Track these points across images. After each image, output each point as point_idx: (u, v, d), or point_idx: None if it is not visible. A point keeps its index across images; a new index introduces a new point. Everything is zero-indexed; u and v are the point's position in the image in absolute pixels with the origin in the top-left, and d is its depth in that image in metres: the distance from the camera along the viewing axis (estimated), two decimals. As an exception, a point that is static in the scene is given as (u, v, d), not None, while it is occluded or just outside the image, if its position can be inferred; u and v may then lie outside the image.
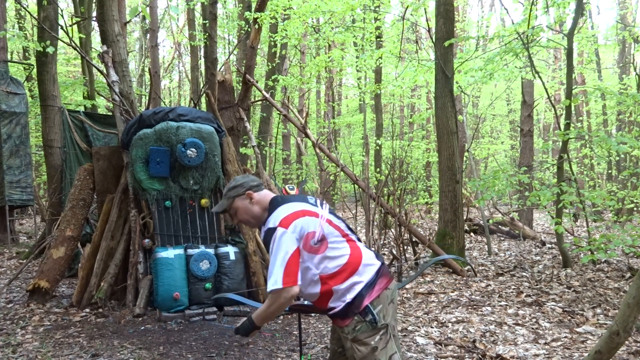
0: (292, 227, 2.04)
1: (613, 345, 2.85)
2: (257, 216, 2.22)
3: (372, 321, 2.07)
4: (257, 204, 2.21)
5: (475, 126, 19.32)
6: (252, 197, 2.21)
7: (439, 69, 7.47)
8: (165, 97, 23.81)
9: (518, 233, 10.45)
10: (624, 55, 17.30)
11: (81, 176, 5.60)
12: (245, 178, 2.26)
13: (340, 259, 2.09)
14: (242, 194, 2.21)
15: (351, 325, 2.09)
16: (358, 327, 2.08)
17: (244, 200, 2.22)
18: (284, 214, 2.08)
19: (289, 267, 1.99)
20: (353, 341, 2.09)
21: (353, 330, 2.09)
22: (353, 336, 2.09)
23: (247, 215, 2.22)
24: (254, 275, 5.36)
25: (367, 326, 2.07)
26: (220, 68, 7.00)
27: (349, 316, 2.08)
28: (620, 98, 7.79)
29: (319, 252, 2.08)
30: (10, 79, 9.57)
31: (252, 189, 2.22)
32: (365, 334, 2.08)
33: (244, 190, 2.21)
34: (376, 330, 2.08)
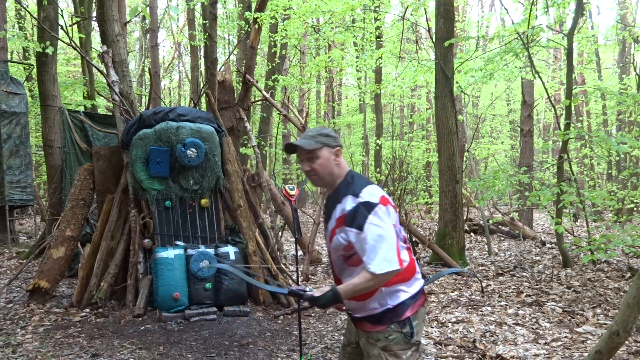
0: (390, 208, 1.95)
1: (613, 345, 2.85)
2: (333, 175, 2.05)
3: (408, 334, 1.98)
4: (338, 165, 2.05)
5: (475, 126, 19.33)
6: (338, 156, 2.06)
7: (439, 69, 7.48)
8: (165, 97, 23.81)
9: (518, 233, 10.45)
10: (624, 55, 17.30)
11: (81, 176, 5.60)
12: (332, 132, 2.09)
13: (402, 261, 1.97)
14: (332, 146, 2.04)
15: (385, 332, 1.98)
16: (392, 336, 1.98)
17: (331, 153, 2.04)
18: (380, 192, 1.96)
19: (398, 247, 1.89)
20: (384, 350, 1.98)
21: (386, 338, 1.98)
22: (385, 345, 1.98)
23: (325, 169, 2.04)
24: (254, 276, 5.35)
25: (402, 338, 1.97)
26: (220, 68, 7.00)
27: (383, 322, 1.98)
28: (620, 98, 7.79)
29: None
30: (10, 79, 9.57)
31: (341, 148, 2.08)
32: (399, 346, 1.98)
33: (336, 144, 2.06)
34: (409, 345, 1.99)
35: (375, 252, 1.85)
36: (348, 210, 1.93)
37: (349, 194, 1.96)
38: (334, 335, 4.46)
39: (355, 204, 1.92)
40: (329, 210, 2.08)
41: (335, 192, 2.06)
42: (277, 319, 4.98)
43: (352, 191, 1.96)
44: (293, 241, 9.88)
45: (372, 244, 1.85)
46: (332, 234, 2.04)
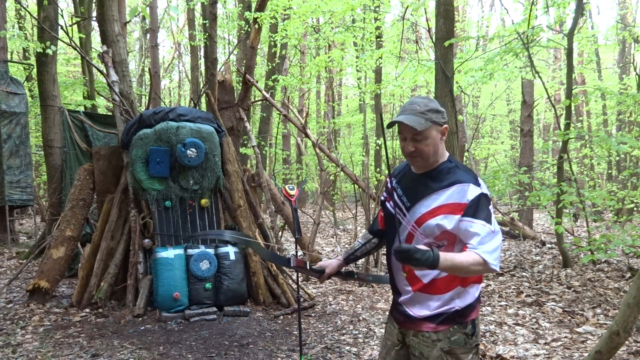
0: None
1: (613, 345, 2.85)
2: (437, 155, 1.88)
3: (469, 334, 1.87)
4: (442, 144, 1.89)
5: (475, 126, 19.33)
6: (444, 134, 1.88)
7: (439, 69, 7.47)
8: (165, 97, 23.81)
9: (518, 233, 10.45)
10: (624, 55, 17.30)
11: (81, 176, 5.60)
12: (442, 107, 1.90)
13: None
14: (441, 123, 1.86)
15: (446, 332, 1.87)
16: (455, 337, 1.87)
17: (439, 132, 1.86)
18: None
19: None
20: (447, 353, 1.86)
21: (448, 339, 1.87)
22: (448, 347, 1.86)
23: (432, 149, 1.86)
24: (254, 275, 5.35)
25: (464, 339, 1.87)
26: (220, 68, 7.00)
27: (447, 323, 1.87)
28: (620, 98, 7.79)
29: None
30: (10, 79, 9.56)
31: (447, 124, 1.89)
32: (462, 349, 1.87)
33: (444, 121, 1.87)
34: (471, 348, 1.89)
35: (494, 246, 1.74)
36: (471, 199, 1.78)
37: (468, 182, 1.80)
38: (334, 335, 4.46)
39: (478, 194, 1.78)
40: (417, 191, 1.89)
41: (437, 173, 1.88)
42: (277, 319, 4.98)
43: (472, 179, 1.82)
44: (293, 241, 9.88)
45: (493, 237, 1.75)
46: (427, 217, 1.84)
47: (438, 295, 1.87)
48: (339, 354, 3.98)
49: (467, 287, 1.88)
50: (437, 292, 1.87)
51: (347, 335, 4.43)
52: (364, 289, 6.20)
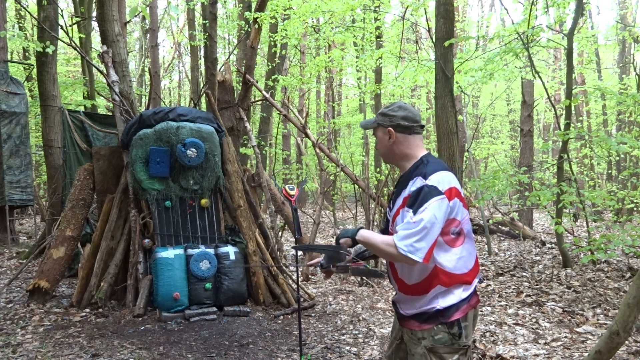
0: (453, 203, 1.86)
1: (613, 345, 2.85)
2: (393, 155, 2.05)
3: (456, 335, 1.89)
4: (397, 145, 2.01)
5: (475, 126, 19.32)
6: (391, 136, 2.01)
7: (439, 69, 7.47)
8: (165, 97, 23.81)
9: (518, 233, 10.45)
10: (624, 55, 17.30)
11: (81, 176, 5.60)
12: (401, 110, 2.00)
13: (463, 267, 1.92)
14: (385, 125, 2.02)
15: (431, 331, 1.91)
16: (439, 336, 1.90)
17: (384, 133, 2.03)
18: (452, 183, 1.87)
19: (434, 244, 1.82)
20: (429, 350, 1.90)
21: (432, 337, 1.90)
22: (431, 345, 1.90)
23: (382, 149, 2.07)
24: (254, 275, 5.36)
25: (449, 339, 1.89)
26: (220, 68, 7.00)
27: (431, 322, 1.91)
28: (620, 98, 7.78)
29: (449, 244, 1.89)
30: (10, 79, 9.56)
31: (398, 128, 2.00)
32: (445, 349, 1.89)
33: (389, 123, 2.01)
34: (456, 349, 1.90)
35: (412, 233, 1.79)
36: (412, 190, 1.87)
37: (419, 175, 1.89)
38: (334, 335, 4.46)
39: (420, 185, 1.85)
40: (397, 192, 2.02)
41: (406, 173, 2.00)
42: (277, 319, 4.98)
43: (422, 173, 1.89)
44: (293, 241, 9.88)
45: (415, 225, 1.79)
46: (395, 215, 1.97)
47: (420, 296, 1.93)
48: (339, 354, 3.98)
49: (450, 287, 1.90)
50: (418, 293, 1.94)
51: (347, 335, 4.43)
52: (364, 289, 6.20)
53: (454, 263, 1.90)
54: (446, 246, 1.88)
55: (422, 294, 1.93)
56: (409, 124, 2.00)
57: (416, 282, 1.93)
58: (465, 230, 1.93)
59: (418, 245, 1.78)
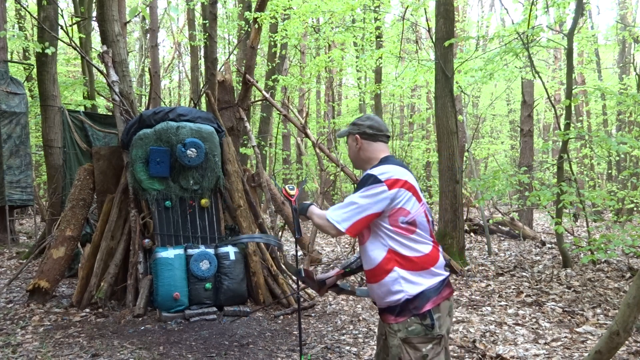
0: (394, 192, 2.01)
1: (613, 345, 2.85)
2: (360, 160, 2.27)
3: (429, 326, 1.98)
4: (363, 151, 2.24)
5: (475, 126, 19.32)
6: (358, 142, 2.24)
7: (439, 69, 7.47)
8: (165, 97, 23.81)
9: (518, 233, 10.45)
10: (624, 55, 17.30)
11: (81, 176, 5.60)
12: (368, 120, 2.24)
13: (417, 250, 2.02)
14: (353, 133, 2.26)
15: (405, 323, 2.00)
16: (412, 327, 1.99)
17: (353, 140, 2.26)
18: (397, 175, 2.04)
19: (361, 222, 2.00)
20: (404, 341, 2.00)
21: (406, 329, 2.00)
22: (405, 336, 2.00)
23: (351, 155, 2.30)
24: (254, 275, 5.36)
25: (422, 330, 1.99)
26: (220, 68, 7.00)
27: (404, 314, 2.00)
28: (620, 98, 7.78)
29: (402, 232, 2.02)
30: (10, 79, 9.56)
31: (364, 135, 2.23)
32: (419, 339, 1.99)
33: (356, 131, 2.25)
34: (430, 339, 1.99)
35: (342, 206, 2.04)
36: (359, 182, 2.09)
37: (368, 170, 2.11)
38: (334, 335, 4.46)
39: (364, 175, 2.08)
40: None
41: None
42: (277, 319, 4.98)
43: (373, 167, 2.12)
44: (293, 241, 9.88)
45: (347, 202, 2.04)
46: None
47: (382, 281, 2.04)
48: (339, 354, 3.98)
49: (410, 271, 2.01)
50: (380, 278, 2.05)
51: (347, 335, 4.43)
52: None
53: (407, 248, 2.02)
54: (398, 235, 2.02)
55: (382, 277, 2.03)
56: (374, 132, 2.21)
57: (374, 266, 2.06)
58: (417, 221, 2.03)
59: (344, 216, 2.01)
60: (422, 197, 2.09)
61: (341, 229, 1.99)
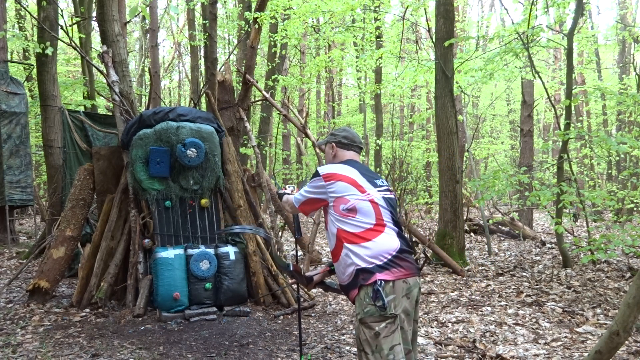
0: (330, 183, 2.38)
1: (613, 345, 2.85)
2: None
3: (381, 307, 2.14)
4: (335, 157, 2.60)
5: (475, 126, 19.32)
6: (334, 149, 2.61)
7: (439, 69, 7.47)
8: (165, 97, 23.81)
9: (518, 233, 10.45)
10: (624, 55, 17.30)
11: (81, 176, 5.60)
12: (344, 132, 2.62)
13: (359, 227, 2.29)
14: (330, 141, 2.62)
15: (361, 305, 2.20)
16: (367, 309, 2.18)
17: (329, 148, 2.63)
18: (336, 170, 2.43)
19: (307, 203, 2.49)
20: (360, 322, 2.20)
21: (362, 311, 2.19)
22: (361, 317, 2.20)
23: (327, 161, 2.67)
24: (254, 275, 5.36)
25: (375, 310, 2.15)
26: (220, 68, 7.00)
27: (357, 285, 2.23)
28: (620, 98, 7.79)
29: (345, 216, 2.32)
30: (10, 79, 9.56)
31: (339, 144, 2.59)
32: (372, 318, 2.16)
33: (333, 140, 2.61)
34: (383, 318, 2.16)
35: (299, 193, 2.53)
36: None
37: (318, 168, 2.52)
38: (334, 335, 4.46)
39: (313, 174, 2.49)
40: None
41: None
42: (277, 319, 4.98)
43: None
44: (293, 241, 9.88)
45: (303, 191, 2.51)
46: None
47: (340, 259, 2.33)
48: (339, 354, 3.98)
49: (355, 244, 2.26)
50: (337, 256, 2.34)
51: (347, 335, 4.43)
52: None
53: (351, 227, 2.30)
54: (343, 218, 2.32)
55: (338, 255, 2.33)
56: (348, 142, 2.58)
57: (333, 247, 2.37)
58: (357, 207, 2.31)
59: (299, 198, 2.52)
60: (368, 191, 2.35)
61: (295, 204, 2.54)
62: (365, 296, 2.19)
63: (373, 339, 2.15)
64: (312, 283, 2.60)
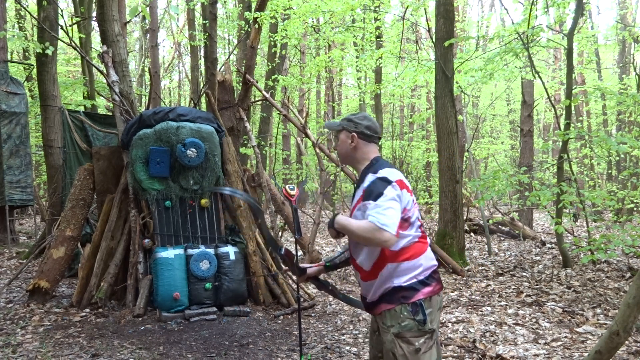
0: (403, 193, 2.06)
1: (613, 345, 2.85)
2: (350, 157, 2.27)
3: (421, 322, 2.02)
4: (356, 149, 2.23)
5: (475, 126, 19.32)
6: (353, 141, 2.23)
7: (439, 69, 7.47)
8: (165, 97, 23.80)
9: (518, 233, 10.45)
10: (624, 55, 17.30)
11: (81, 176, 5.60)
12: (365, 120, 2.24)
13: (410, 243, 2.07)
14: (350, 130, 2.24)
15: (397, 318, 2.03)
16: (405, 323, 2.03)
17: (347, 137, 2.24)
18: (399, 176, 2.09)
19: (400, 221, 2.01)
20: (397, 336, 2.03)
21: (399, 325, 2.03)
22: (398, 331, 2.03)
23: (342, 150, 2.28)
24: (254, 275, 5.36)
25: (415, 325, 2.02)
26: (220, 68, 7.00)
27: (393, 302, 2.04)
28: (620, 98, 7.79)
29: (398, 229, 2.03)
30: (10, 79, 9.56)
31: (361, 135, 2.23)
32: (411, 333, 2.03)
33: (354, 129, 2.23)
34: (422, 333, 2.03)
35: (382, 210, 1.96)
36: (366, 185, 2.08)
37: (369, 172, 2.12)
38: (334, 335, 4.46)
39: (373, 179, 2.07)
40: (354, 194, 2.22)
41: (360, 175, 2.22)
42: (277, 319, 4.98)
43: (373, 169, 2.13)
44: (293, 241, 9.88)
45: (381, 205, 1.97)
46: (352, 211, 2.17)
47: (377, 279, 2.09)
48: (339, 354, 3.98)
49: (400, 262, 2.05)
50: (374, 277, 2.10)
51: (347, 335, 4.43)
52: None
53: (400, 243, 2.05)
54: None
55: (375, 275, 2.09)
56: (370, 134, 2.23)
57: (371, 266, 2.11)
58: (412, 218, 2.09)
59: (389, 220, 1.95)
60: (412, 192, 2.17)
61: (391, 232, 1.94)
62: (403, 309, 2.03)
63: (413, 355, 2.02)
64: (305, 276, 2.42)
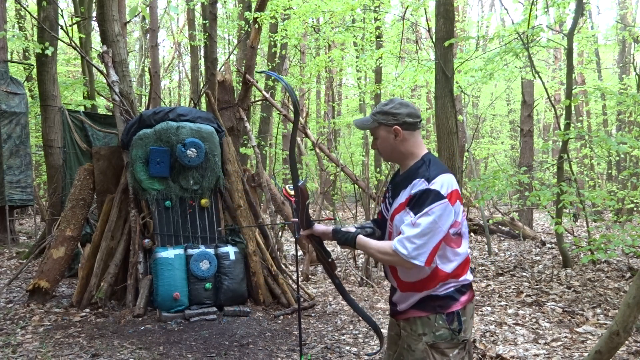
0: (456, 207, 1.83)
1: (613, 345, 2.85)
2: (398, 153, 1.98)
3: (456, 330, 1.88)
4: (403, 143, 1.95)
5: (475, 126, 19.32)
6: (398, 135, 1.94)
7: (439, 69, 7.47)
8: (165, 97, 23.80)
9: (518, 233, 10.45)
10: (624, 55, 17.30)
11: (81, 176, 5.60)
12: (403, 107, 1.93)
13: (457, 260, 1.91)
14: (390, 124, 1.94)
15: (432, 327, 1.89)
16: (440, 332, 1.88)
17: (389, 132, 1.95)
18: (454, 186, 1.84)
19: (436, 248, 1.80)
20: (431, 347, 1.88)
21: (433, 333, 1.88)
22: (432, 341, 1.88)
23: (386, 148, 1.98)
24: (254, 275, 5.36)
25: (449, 335, 1.88)
26: (220, 68, 7.00)
27: (427, 310, 1.89)
28: (620, 98, 7.78)
29: (450, 244, 1.86)
30: (10, 79, 9.56)
31: (404, 125, 1.93)
32: (446, 344, 1.88)
33: (394, 122, 1.93)
34: (457, 343, 1.89)
35: (416, 236, 1.77)
36: (415, 192, 1.83)
37: (422, 177, 1.85)
38: (334, 335, 4.46)
39: (424, 188, 1.81)
40: (397, 189, 1.96)
41: (408, 172, 1.95)
42: (277, 319, 4.98)
43: (426, 175, 1.85)
44: (293, 241, 9.88)
45: (418, 226, 1.78)
46: (394, 214, 1.94)
47: (420, 292, 1.92)
48: (339, 354, 3.98)
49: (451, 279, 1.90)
50: (418, 290, 1.92)
51: (347, 335, 4.43)
52: (364, 289, 6.20)
53: (453, 263, 1.89)
54: (446, 247, 1.87)
55: (422, 290, 1.92)
56: (414, 121, 1.94)
57: (416, 280, 1.92)
58: (462, 231, 1.91)
59: (420, 249, 1.77)
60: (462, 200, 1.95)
61: (419, 264, 1.77)
62: (438, 318, 1.88)
63: None
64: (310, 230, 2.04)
